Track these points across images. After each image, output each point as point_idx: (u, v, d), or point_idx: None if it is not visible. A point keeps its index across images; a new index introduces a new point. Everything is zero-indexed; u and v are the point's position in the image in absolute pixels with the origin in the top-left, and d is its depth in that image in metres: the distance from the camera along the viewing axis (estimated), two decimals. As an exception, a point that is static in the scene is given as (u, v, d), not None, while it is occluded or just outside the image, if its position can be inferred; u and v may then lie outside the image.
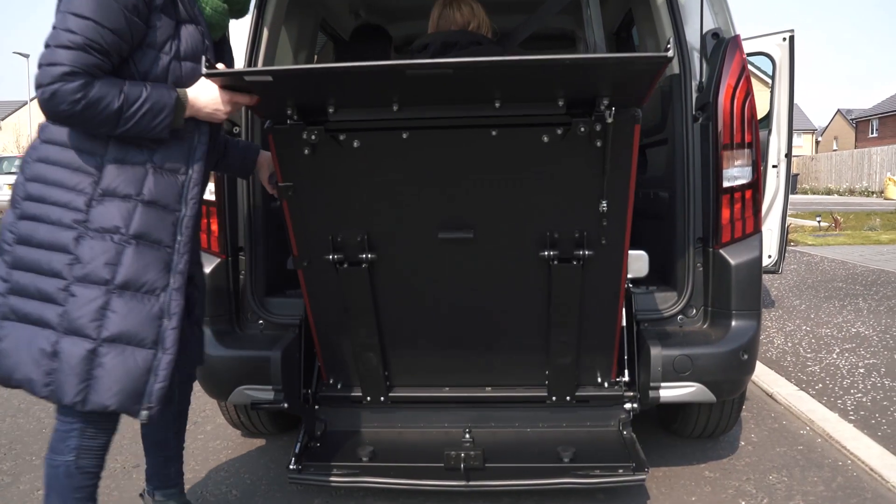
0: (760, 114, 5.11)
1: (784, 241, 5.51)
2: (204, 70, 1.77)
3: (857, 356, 4.36)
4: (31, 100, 41.93)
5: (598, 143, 1.96)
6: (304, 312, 2.58)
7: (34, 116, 42.25)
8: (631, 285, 2.63)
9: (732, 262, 2.47)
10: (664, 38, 2.72)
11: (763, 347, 4.68)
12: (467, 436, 2.52)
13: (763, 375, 3.99)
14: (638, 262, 2.64)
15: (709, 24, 2.61)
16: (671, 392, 2.41)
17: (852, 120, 52.97)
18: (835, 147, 53.92)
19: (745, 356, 2.44)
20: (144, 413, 1.76)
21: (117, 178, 1.74)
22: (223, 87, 1.82)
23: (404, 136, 1.99)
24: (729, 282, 2.48)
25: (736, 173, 2.51)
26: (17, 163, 18.55)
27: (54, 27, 1.65)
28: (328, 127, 1.97)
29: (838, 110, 58.84)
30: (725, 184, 2.50)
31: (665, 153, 2.85)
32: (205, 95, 1.82)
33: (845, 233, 12.33)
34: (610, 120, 1.86)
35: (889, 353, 4.42)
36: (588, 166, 2.03)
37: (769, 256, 5.57)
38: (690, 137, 2.57)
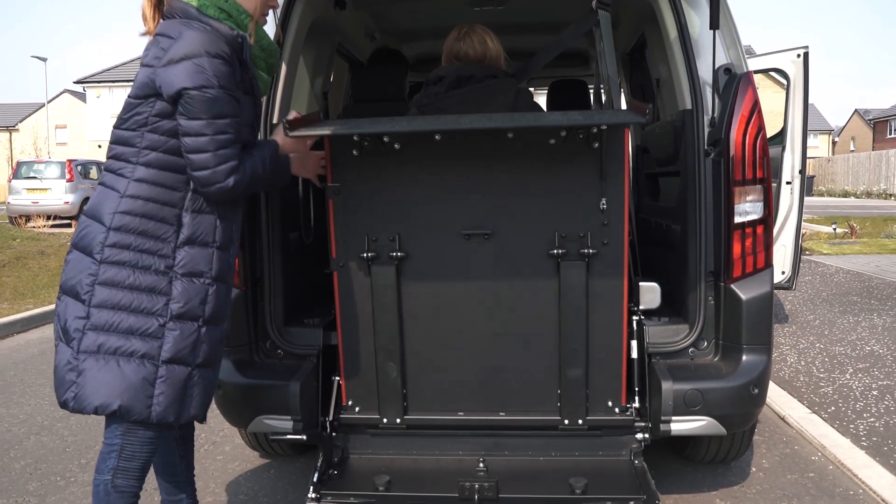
0: (773, 125, 5.13)
1: (798, 258, 5.53)
2: (289, 132, 2.12)
3: (871, 377, 4.36)
4: (49, 102, 42.44)
5: (596, 145, 2.30)
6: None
7: (51, 119, 42.73)
8: (643, 317, 2.67)
9: (743, 296, 2.50)
10: (676, 71, 2.75)
11: (776, 366, 4.69)
12: (481, 464, 2.57)
13: (776, 397, 4.01)
14: (650, 294, 2.69)
15: (721, 59, 2.64)
16: (682, 426, 2.45)
17: (870, 120, 52.46)
18: (852, 148, 53.43)
19: (756, 390, 2.47)
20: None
21: (196, 228, 1.97)
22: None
23: (437, 137, 2.28)
24: (740, 316, 2.50)
25: (747, 209, 2.54)
26: (35, 167, 18.82)
27: (203, 134, 1.88)
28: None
29: (856, 110, 58.29)
30: (737, 219, 2.52)
31: (678, 185, 2.88)
32: (289, 146, 2.21)
33: (861, 240, 12.25)
34: (604, 127, 2.23)
35: (903, 373, 4.42)
36: (588, 166, 2.36)
37: (783, 272, 5.59)
38: (702, 172, 2.60)
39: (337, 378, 2.65)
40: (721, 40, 2.65)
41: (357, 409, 2.65)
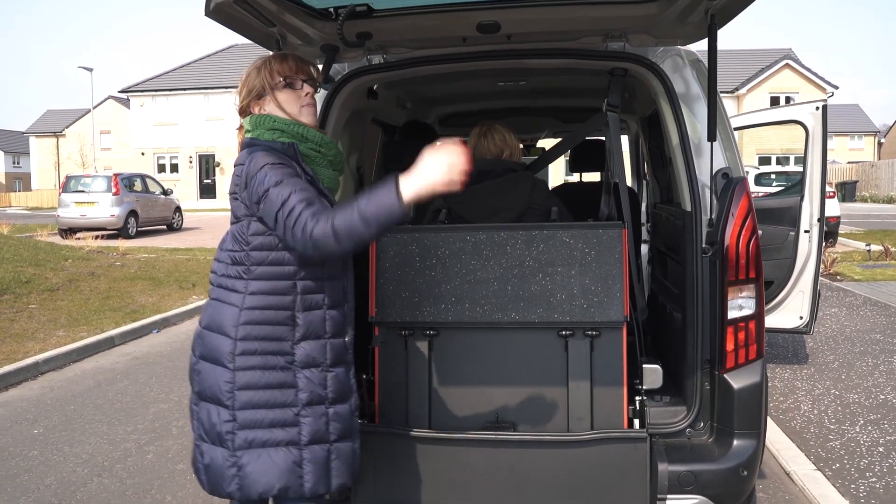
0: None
1: (816, 304, 5.69)
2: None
3: (880, 430, 4.53)
4: (95, 107, 43.73)
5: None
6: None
7: (95, 125, 44.04)
8: (645, 397, 2.92)
9: (735, 386, 2.74)
10: (678, 173, 2.97)
11: (790, 414, 4.89)
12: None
13: (784, 450, 4.21)
14: (653, 375, 2.94)
15: (719, 163, 2.88)
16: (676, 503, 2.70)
17: (918, 123, 51.09)
18: (897, 152, 52.17)
19: (745, 472, 2.70)
20: None
21: (309, 325, 2.21)
22: None
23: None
24: (732, 403, 2.74)
25: (741, 304, 2.77)
26: (83, 181, 19.58)
27: (283, 203, 2.06)
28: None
29: (902, 113, 56.75)
30: (731, 315, 2.76)
31: (681, 273, 3.12)
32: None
33: (895, 265, 12.17)
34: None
35: (912, 427, 4.58)
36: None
37: (801, 318, 5.76)
38: (700, 269, 2.84)
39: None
40: (720, 145, 2.89)
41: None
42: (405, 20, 2.76)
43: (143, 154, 40.31)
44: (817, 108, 5.57)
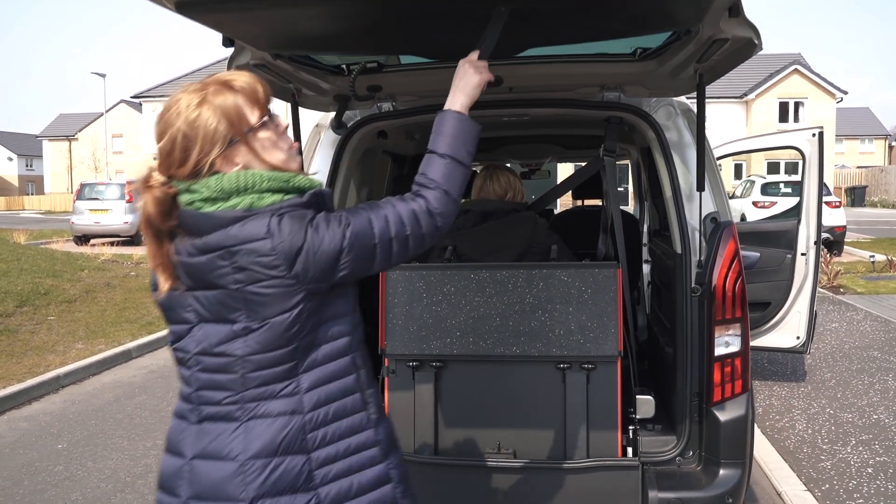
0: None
1: (812, 324, 5.86)
2: None
3: (871, 451, 4.70)
4: (107, 111, 44.22)
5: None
6: None
7: (107, 129, 44.53)
8: (638, 426, 3.12)
9: (721, 419, 2.92)
10: (670, 218, 3.16)
11: (784, 433, 5.06)
12: None
13: (776, 469, 4.39)
14: (646, 405, 3.14)
15: (708, 208, 3.07)
16: (667, 529, 2.89)
17: (928, 128, 50.89)
18: (909, 156, 51.99)
19: (730, 500, 2.89)
20: None
21: (377, 403, 1.76)
22: None
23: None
24: (718, 435, 2.93)
25: (728, 341, 2.96)
26: (97, 188, 19.90)
27: (379, 225, 1.64)
28: None
29: (913, 117, 56.55)
30: (717, 352, 2.95)
31: (673, 310, 3.31)
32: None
33: (898, 276, 12.29)
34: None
35: (901, 448, 4.75)
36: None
37: (797, 338, 5.93)
38: (689, 308, 3.03)
39: None
40: (709, 191, 3.08)
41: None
42: (413, 75, 2.97)
43: (154, 159, 40.64)
44: (813, 135, 5.75)
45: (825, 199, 15.84)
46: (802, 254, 5.81)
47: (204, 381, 1.64)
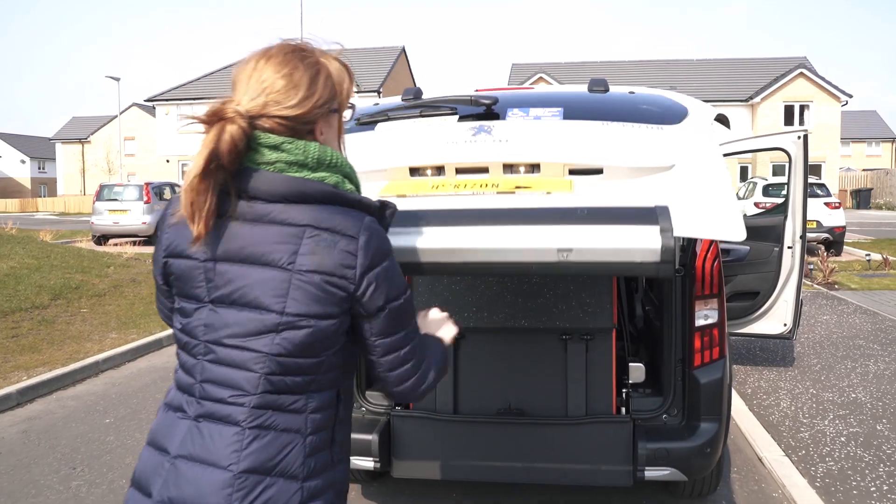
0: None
1: (798, 312, 6.33)
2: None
3: (846, 424, 5.16)
4: (121, 113, 44.91)
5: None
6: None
7: (123, 131, 45.25)
8: (631, 389, 3.61)
9: (701, 381, 3.41)
10: None
11: (769, 409, 5.53)
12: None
13: (758, 439, 4.86)
14: (637, 372, 3.63)
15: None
16: (653, 473, 3.37)
17: (934, 131, 51.06)
18: (915, 159, 52.13)
19: (709, 449, 3.37)
20: None
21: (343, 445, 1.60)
22: None
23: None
24: (698, 395, 3.42)
25: (706, 314, 3.45)
26: (115, 189, 20.50)
27: (409, 338, 1.57)
28: None
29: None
30: (698, 323, 3.44)
31: (662, 289, 3.80)
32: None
33: (892, 275, 12.69)
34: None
35: (873, 422, 5.20)
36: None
37: (784, 325, 6.40)
38: (673, 287, 3.52)
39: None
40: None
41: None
42: None
43: (167, 161, 41.37)
44: (799, 137, 6.21)
45: (826, 200, 16.39)
46: (789, 247, 6.28)
47: (213, 373, 1.44)
